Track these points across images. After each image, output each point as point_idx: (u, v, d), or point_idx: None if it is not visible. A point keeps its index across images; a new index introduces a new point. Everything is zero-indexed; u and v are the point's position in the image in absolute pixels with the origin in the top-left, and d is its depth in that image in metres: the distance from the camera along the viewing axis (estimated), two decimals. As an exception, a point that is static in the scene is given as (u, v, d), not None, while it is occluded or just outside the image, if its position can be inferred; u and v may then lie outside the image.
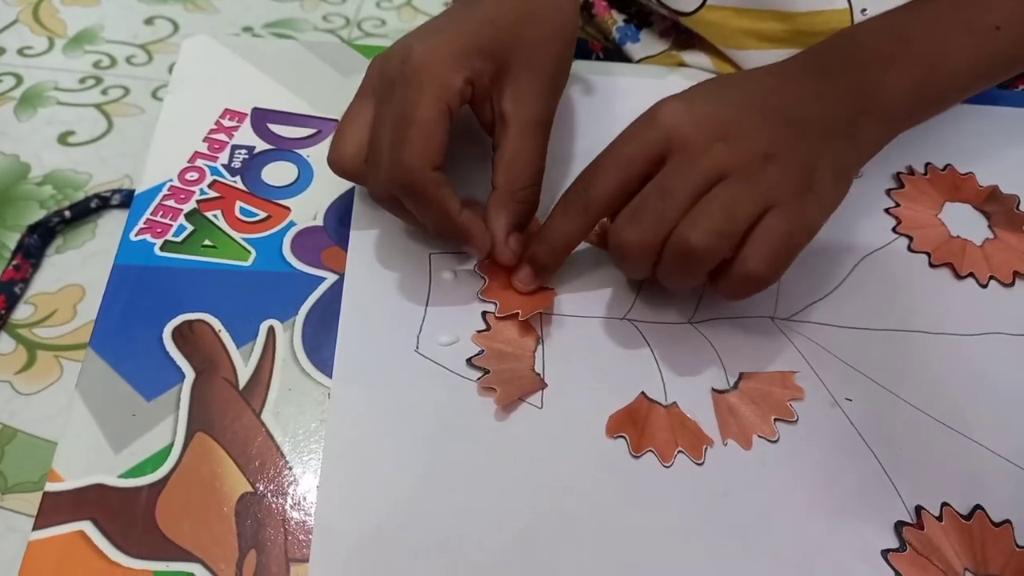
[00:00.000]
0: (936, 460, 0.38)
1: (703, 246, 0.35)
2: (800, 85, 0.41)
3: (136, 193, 0.45)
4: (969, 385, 0.41)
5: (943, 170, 0.50)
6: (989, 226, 0.47)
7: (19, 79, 1.35)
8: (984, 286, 0.44)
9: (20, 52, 1.39)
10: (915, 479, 0.37)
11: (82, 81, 1.34)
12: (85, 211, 1.14)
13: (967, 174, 0.49)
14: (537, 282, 0.41)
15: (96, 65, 1.36)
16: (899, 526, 0.36)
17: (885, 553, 0.35)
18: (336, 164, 0.42)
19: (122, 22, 1.47)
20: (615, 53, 0.60)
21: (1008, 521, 0.36)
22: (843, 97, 0.41)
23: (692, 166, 0.36)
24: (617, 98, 0.52)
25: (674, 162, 0.37)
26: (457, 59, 0.39)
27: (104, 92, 1.32)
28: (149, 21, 1.48)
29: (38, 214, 1.15)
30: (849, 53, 0.43)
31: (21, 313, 1.08)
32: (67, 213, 1.13)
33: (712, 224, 0.35)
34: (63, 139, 1.25)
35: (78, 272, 1.11)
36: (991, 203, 0.48)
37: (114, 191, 1.18)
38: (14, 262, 1.10)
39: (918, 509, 0.36)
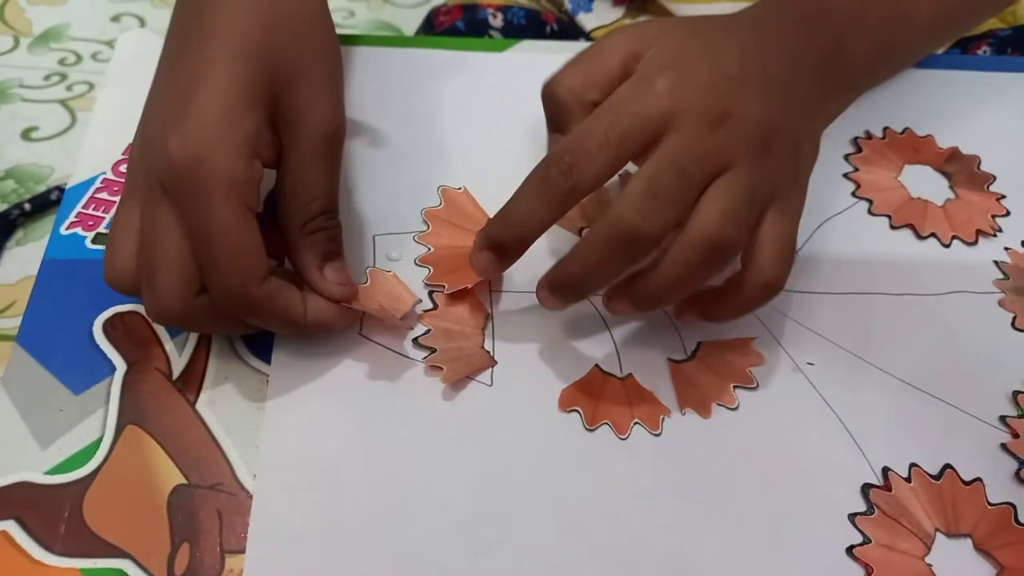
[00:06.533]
0: (903, 421, 0.36)
1: (735, 236, 0.32)
2: (780, 44, 0.36)
3: (67, 187, 0.44)
4: (935, 345, 0.39)
5: (901, 133, 0.48)
6: (950, 187, 0.46)
7: (-17, 78, 1.33)
8: (947, 246, 0.43)
9: (-16, 52, 1.37)
10: (882, 441, 0.36)
11: (47, 78, 1.32)
12: (45, 203, 1.14)
13: (926, 136, 0.48)
14: (500, 270, 0.36)
15: (61, 62, 1.35)
16: (866, 489, 0.34)
17: (852, 517, 0.33)
18: (117, 282, 0.34)
19: (89, 19, 1.45)
20: (569, 25, 0.59)
21: (979, 479, 0.35)
22: (819, 59, 0.37)
23: (700, 144, 0.32)
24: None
25: (679, 138, 0.32)
26: (229, 137, 0.31)
27: (69, 88, 1.31)
28: (116, 18, 1.45)
29: (-1, 208, 1.14)
30: (816, 5, 0.39)
31: (-21, 305, 1.05)
32: (27, 206, 1.13)
33: (737, 213, 0.32)
34: (26, 134, 1.24)
35: (38, 264, 1.09)
36: (952, 164, 0.47)
37: (74, 184, 1.17)
38: (-28, 255, 1.08)
39: (885, 471, 0.35)
